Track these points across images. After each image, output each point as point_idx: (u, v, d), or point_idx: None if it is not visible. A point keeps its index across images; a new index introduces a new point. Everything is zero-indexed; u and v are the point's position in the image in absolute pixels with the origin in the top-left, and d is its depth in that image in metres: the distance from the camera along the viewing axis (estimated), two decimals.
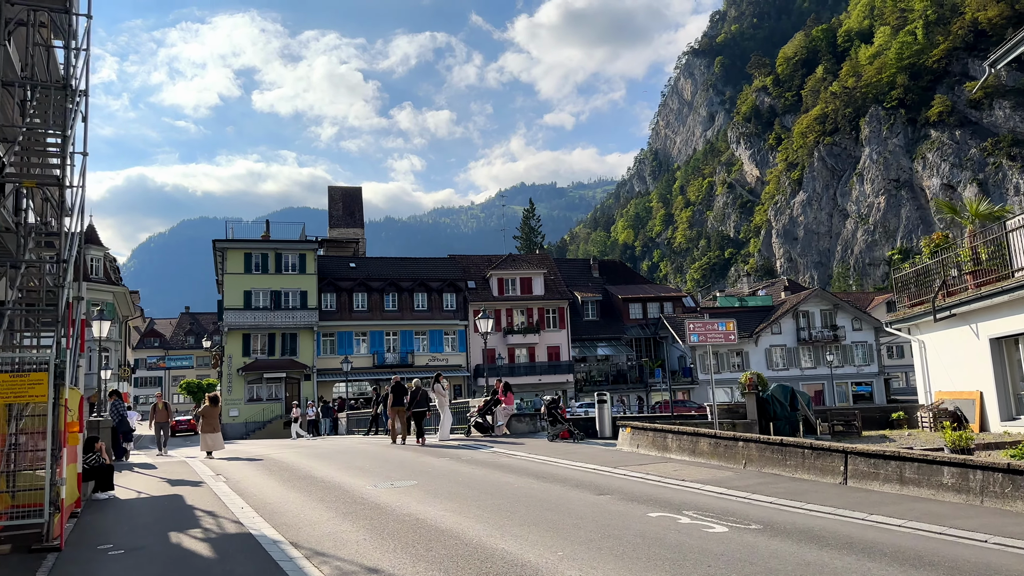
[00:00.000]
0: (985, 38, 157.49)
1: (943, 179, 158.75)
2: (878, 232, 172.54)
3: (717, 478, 11.11)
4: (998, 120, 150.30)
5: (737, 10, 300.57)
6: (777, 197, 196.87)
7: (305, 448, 20.77)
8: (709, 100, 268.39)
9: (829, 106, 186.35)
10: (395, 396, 20.28)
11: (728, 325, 14.60)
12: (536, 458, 14.69)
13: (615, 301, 58.54)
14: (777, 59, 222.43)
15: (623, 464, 12.98)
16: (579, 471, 12.63)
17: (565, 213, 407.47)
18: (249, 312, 48.36)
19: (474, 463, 14.28)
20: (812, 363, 54.63)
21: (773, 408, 16.03)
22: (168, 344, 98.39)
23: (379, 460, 15.61)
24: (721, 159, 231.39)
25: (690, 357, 53.83)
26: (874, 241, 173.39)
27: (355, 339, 51.20)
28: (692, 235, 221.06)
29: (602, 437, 18.00)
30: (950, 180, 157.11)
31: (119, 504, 11.69)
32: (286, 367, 48.58)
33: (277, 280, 49.40)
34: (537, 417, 20.65)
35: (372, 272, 53.59)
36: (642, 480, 11.35)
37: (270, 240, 50.86)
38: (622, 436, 15.14)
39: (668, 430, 13.58)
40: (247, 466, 15.93)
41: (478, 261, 57.19)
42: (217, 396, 19.52)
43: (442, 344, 52.30)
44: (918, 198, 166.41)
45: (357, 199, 66.28)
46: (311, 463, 15.76)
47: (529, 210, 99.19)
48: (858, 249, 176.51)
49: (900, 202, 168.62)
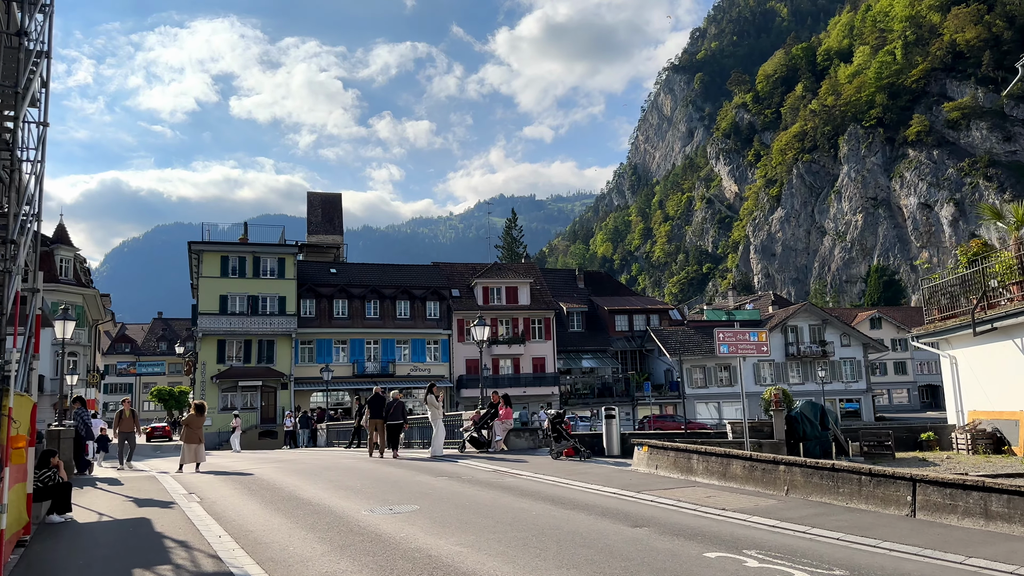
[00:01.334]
0: (963, 59, 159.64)
1: (920, 198, 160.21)
2: (855, 250, 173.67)
3: (761, 507, 9.86)
4: (975, 141, 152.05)
5: (717, 27, 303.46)
6: (756, 213, 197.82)
7: (286, 463, 19.24)
8: (688, 116, 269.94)
9: (808, 124, 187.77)
10: (372, 408, 19.73)
11: (760, 335, 13.42)
12: (545, 479, 13.36)
13: (601, 313, 57.44)
14: (757, 76, 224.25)
15: (646, 488, 11.70)
16: (600, 496, 11.32)
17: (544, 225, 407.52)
18: (225, 318, 46.54)
19: (478, 484, 12.92)
20: (800, 379, 53.84)
21: (802, 427, 14.82)
22: (140, 350, 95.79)
23: (371, 479, 14.19)
24: (700, 174, 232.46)
25: (677, 371, 52.81)
26: (851, 259, 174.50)
27: (335, 347, 49.51)
28: (671, 249, 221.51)
29: (609, 455, 16.71)
30: (927, 199, 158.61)
31: (77, 530, 10.17)
32: (262, 375, 46.75)
33: (255, 285, 47.64)
34: (537, 432, 19.31)
35: (353, 278, 52.00)
36: (676, 508, 10.07)
37: (248, 243, 49.08)
38: (637, 455, 13.87)
39: (693, 450, 12.33)
40: (224, 484, 14.42)
41: (462, 269, 55.82)
42: (203, 404, 17.97)
43: (425, 354, 50.75)
44: (895, 216, 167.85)
45: (337, 206, 64.66)
46: (295, 481, 14.30)
47: (511, 220, 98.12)
48: (835, 266, 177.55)
49: (877, 220, 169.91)
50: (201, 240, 47.86)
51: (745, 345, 13.35)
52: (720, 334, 13.51)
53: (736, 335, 13.52)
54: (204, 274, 46.87)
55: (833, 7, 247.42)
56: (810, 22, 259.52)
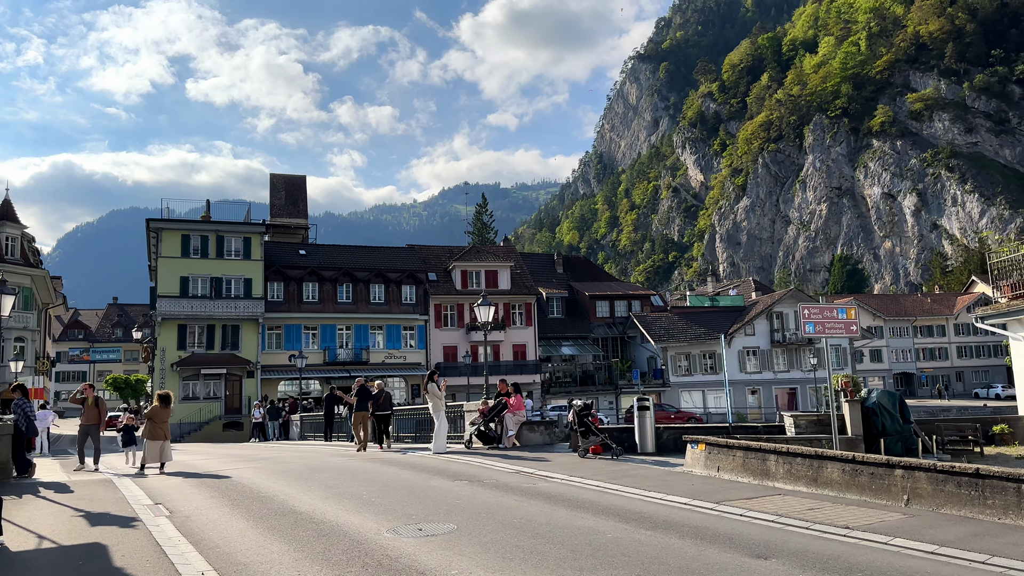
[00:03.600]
0: (926, 51, 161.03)
1: (884, 188, 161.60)
2: (819, 239, 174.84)
3: (888, 524, 7.87)
4: (937, 132, 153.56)
5: (682, 17, 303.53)
6: (721, 202, 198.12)
7: (265, 462, 16.83)
8: (654, 105, 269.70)
9: (774, 113, 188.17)
10: (359, 400, 19.01)
11: (849, 312, 11.46)
12: (587, 483, 11.23)
13: (581, 298, 55.53)
14: (723, 66, 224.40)
15: (723, 497, 9.64)
16: (673, 508, 9.23)
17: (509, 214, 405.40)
18: (186, 301, 43.45)
19: (511, 491, 10.73)
20: (786, 366, 52.67)
21: (881, 420, 12.91)
22: (94, 337, 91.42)
23: (377, 484, 11.90)
24: (666, 163, 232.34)
25: (661, 358, 51.17)
26: (815, 248, 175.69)
27: (304, 333, 46.75)
28: (637, 238, 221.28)
29: (643, 452, 14.65)
30: (890, 189, 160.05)
31: (6, 563, 7.76)
32: (226, 362, 43.81)
33: (218, 266, 44.58)
34: (553, 426, 17.17)
35: (324, 261, 49.22)
36: (786, 527, 8.02)
37: (211, 221, 45.89)
38: (691, 455, 11.83)
39: (770, 449, 10.30)
40: (197, 491, 11.96)
41: (439, 252, 53.33)
42: (169, 395, 15.35)
43: (400, 340, 48.27)
44: (859, 206, 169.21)
45: (301, 188, 61.45)
46: (284, 487, 11.94)
47: (482, 205, 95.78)
48: (799, 255, 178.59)
49: (841, 210, 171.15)
50: (160, 218, 44.64)
51: (832, 324, 11.37)
52: (805, 310, 11.51)
53: (823, 312, 11.51)
54: (163, 254, 43.66)
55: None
56: (774, 13, 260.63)
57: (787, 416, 14.33)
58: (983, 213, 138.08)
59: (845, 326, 11.32)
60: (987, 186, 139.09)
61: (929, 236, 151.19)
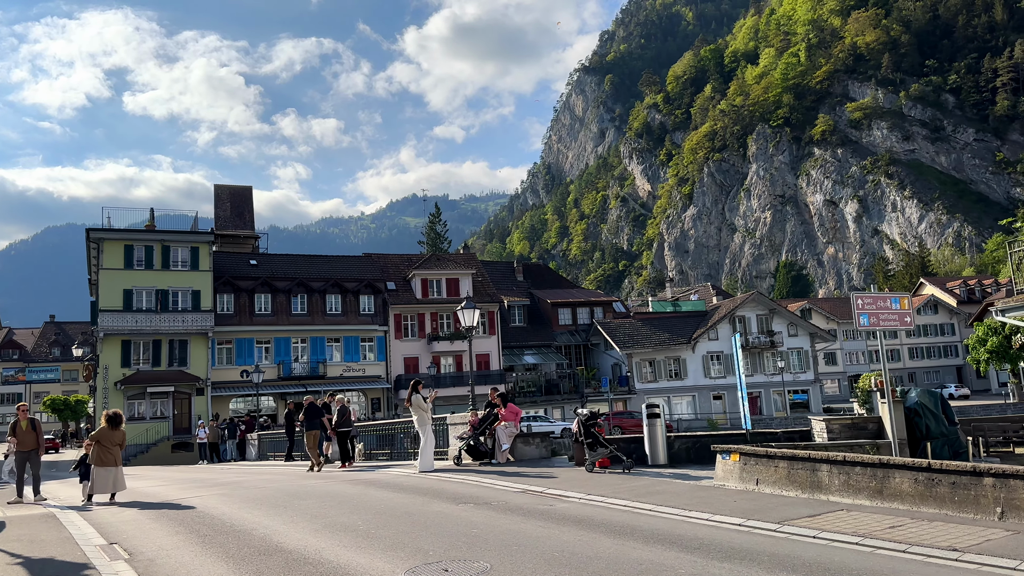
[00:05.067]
0: (864, 62, 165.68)
1: (826, 195, 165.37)
2: (764, 246, 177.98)
3: (996, 543, 6.78)
4: (876, 140, 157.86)
5: (625, 30, 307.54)
6: (669, 211, 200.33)
7: (230, 487, 15.09)
8: (600, 117, 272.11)
9: (718, 124, 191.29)
10: (308, 418, 18.69)
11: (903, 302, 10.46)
12: (614, 504, 9.93)
13: (543, 306, 54.42)
14: (667, 78, 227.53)
15: (781, 516, 8.44)
16: (730, 531, 8.00)
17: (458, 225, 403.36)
18: (130, 315, 40.78)
19: (532, 516, 9.36)
20: (749, 370, 52.30)
21: (924, 422, 11.92)
22: (30, 356, 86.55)
23: (370, 511, 10.39)
24: (614, 173, 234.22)
25: (626, 365, 50.33)
26: (760, 255, 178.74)
27: (257, 347, 44.43)
28: (587, 247, 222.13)
29: (654, 464, 13.43)
30: (832, 196, 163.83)
31: None
32: (174, 379, 41.23)
33: (164, 277, 42.03)
34: (549, 438, 15.85)
35: (276, 271, 47.00)
36: (873, 550, 6.86)
37: (156, 231, 43.32)
38: (723, 467, 10.65)
39: (821, 459, 9.17)
40: (159, 525, 10.23)
41: (397, 261, 51.55)
42: (119, 415, 13.53)
43: (359, 352, 46.30)
44: (802, 213, 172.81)
45: (247, 199, 58.89)
46: (262, 517, 10.32)
47: (435, 215, 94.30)
48: (745, 262, 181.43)
49: (785, 217, 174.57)
50: (101, 227, 41.89)
51: (887, 315, 10.38)
52: (859, 300, 10.46)
53: (876, 302, 10.48)
54: (105, 266, 40.95)
55: (736, 12, 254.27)
56: (714, 26, 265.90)
57: (816, 420, 13.30)
58: (921, 218, 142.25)
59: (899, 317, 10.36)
60: (925, 192, 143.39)
61: (871, 241, 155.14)
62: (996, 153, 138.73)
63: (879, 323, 10.40)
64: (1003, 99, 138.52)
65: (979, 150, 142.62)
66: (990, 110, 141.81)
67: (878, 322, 10.38)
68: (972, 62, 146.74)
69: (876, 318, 10.38)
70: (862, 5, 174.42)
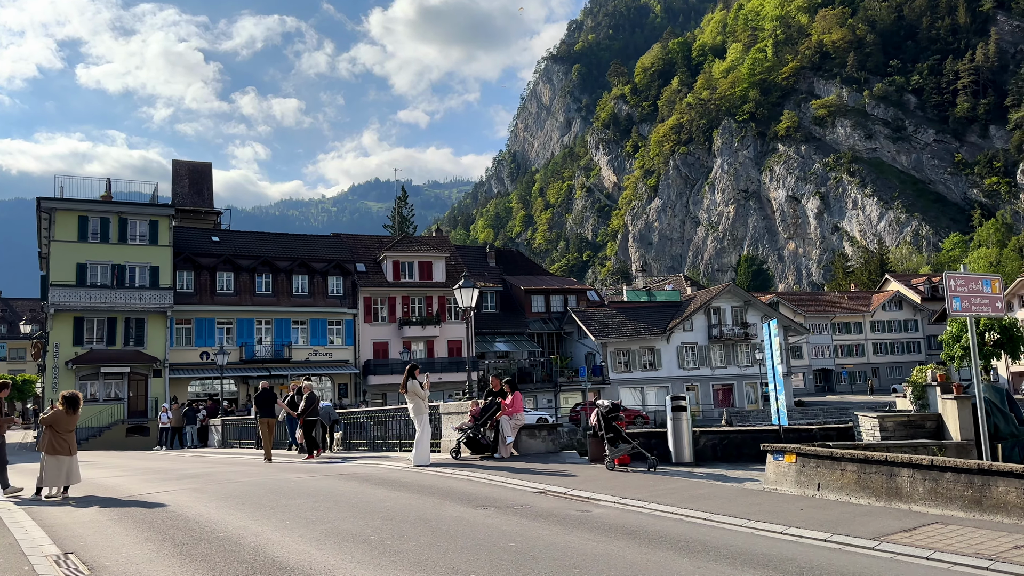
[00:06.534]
0: (829, 59, 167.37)
1: (788, 191, 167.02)
2: (727, 239, 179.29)
3: None
4: (839, 138, 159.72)
5: (594, 20, 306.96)
6: (634, 202, 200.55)
7: (203, 479, 13.59)
8: (567, 106, 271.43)
9: (684, 117, 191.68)
10: (260, 406, 17.96)
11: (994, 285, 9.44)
12: (659, 510, 8.72)
13: (516, 293, 53.21)
14: (635, 69, 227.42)
15: (874, 530, 7.33)
16: (823, 549, 6.86)
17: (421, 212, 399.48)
18: (83, 290, 38.40)
19: (573, 525, 8.12)
20: (723, 362, 51.95)
21: (993, 421, 10.91)
22: None
23: (377, 515, 9.04)
24: (580, 163, 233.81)
25: (600, 354, 49.46)
26: (723, 248, 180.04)
27: (218, 328, 42.36)
28: (552, 236, 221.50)
29: (679, 462, 12.29)
30: (795, 192, 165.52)
31: None
32: (130, 360, 39.00)
33: (121, 252, 39.68)
34: (557, 431, 14.61)
35: (240, 248, 44.91)
36: None
37: (113, 202, 40.86)
38: (775, 468, 9.55)
39: (901, 462, 8.10)
40: (124, 528, 8.61)
41: (367, 242, 49.79)
42: (77, 397, 11.90)
43: (325, 336, 44.54)
44: (765, 208, 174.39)
45: (206, 175, 56.39)
46: (247, 521, 8.82)
47: (402, 198, 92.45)
48: (708, 255, 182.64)
49: (748, 212, 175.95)
50: (54, 196, 39.35)
51: (979, 300, 9.31)
52: (951, 281, 9.40)
53: (968, 283, 9.43)
54: (57, 238, 38.46)
55: (704, 6, 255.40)
56: (682, 19, 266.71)
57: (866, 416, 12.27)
58: (881, 216, 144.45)
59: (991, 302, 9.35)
60: (885, 190, 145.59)
61: (831, 238, 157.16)
62: (955, 154, 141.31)
63: (971, 307, 9.38)
64: (963, 101, 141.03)
65: (938, 151, 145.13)
66: (950, 112, 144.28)
67: (970, 307, 9.36)
68: (935, 63, 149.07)
69: (968, 303, 9.36)
70: (829, 3, 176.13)
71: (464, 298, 15.45)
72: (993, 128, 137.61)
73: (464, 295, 15.42)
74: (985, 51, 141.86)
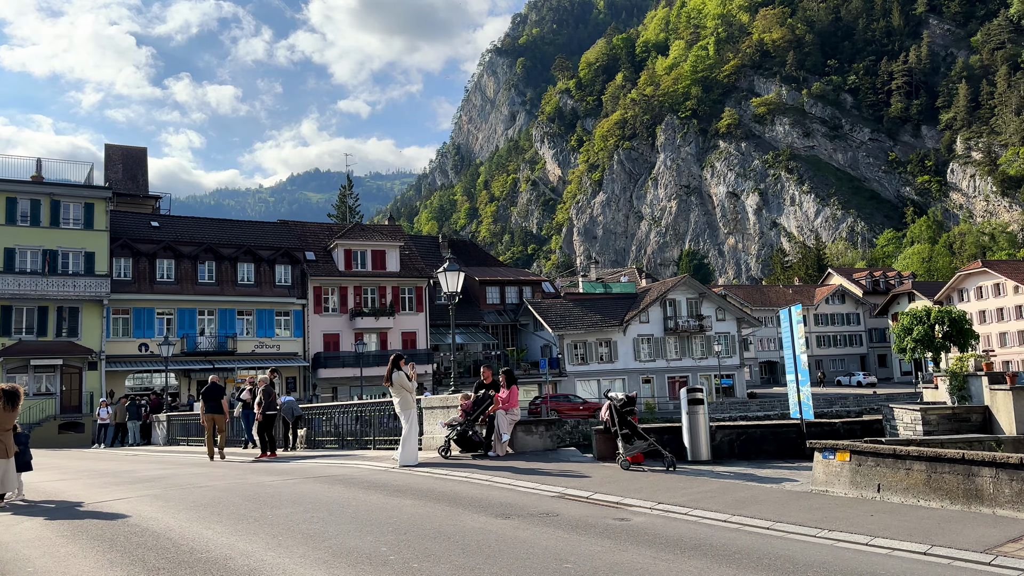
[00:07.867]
0: (770, 58, 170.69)
1: (729, 187, 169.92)
2: (669, 234, 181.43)
3: None
4: (778, 135, 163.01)
5: (538, 14, 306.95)
6: (579, 196, 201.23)
7: (162, 483, 12.17)
8: (511, 99, 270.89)
9: (628, 112, 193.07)
10: (207, 400, 16.85)
11: None
12: (705, 518, 7.74)
13: (470, 284, 52.01)
14: (579, 64, 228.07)
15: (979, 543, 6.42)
16: (923, 563, 5.89)
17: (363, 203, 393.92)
18: (11, 276, 35.61)
19: (619, 539, 7.05)
20: (678, 354, 51.86)
21: None
22: None
23: (386, 527, 7.81)
24: (525, 157, 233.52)
25: (556, 346, 48.76)
26: (665, 243, 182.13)
27: (158, 319, 40.05)
28: (497, 230, 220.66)
29: (695, 460, 11.47)
30: (735, 188, 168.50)
31: None
32: (63, 351, 36.44)
33: (52, 236, 37.02)
34: (554, 426, 13.63)
35: (182, 234, 42.56)
36: None
37: (44, 183, 38.08)
38: (825, 468, 8.78)
39: (980, 460, 7.38)
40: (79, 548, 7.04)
41: (316, 230, 47.90)
42: (17, 391, 10.32)
43: (273, 327, 42.59)
44: (706, 204, 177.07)
45: (141, 161, 53.43)
46: (231, 537, 7.32)
47: (347, 187, 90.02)
48: (651, 249, 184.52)
49: (690, 207, 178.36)
50: None
51: None
52: None
53: None
54: None
55: (647, 3, 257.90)
56: (625, 15, 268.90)
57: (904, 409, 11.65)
58: (818, 212, 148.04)
59: None
60: (822, 187, 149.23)
61: (769, 233, 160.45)
62: (889, 153, 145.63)
63: None
64: (897, 101, 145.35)
65: (873, 149, 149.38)
66: (885, 111, 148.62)
67: None
68: (870, 64, 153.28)
69: None
70: (769, 3, 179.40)
71: (449, 282, 14.32)
72: (925, 128, 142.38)
73: (449, 279, 14.29)
74: (918, 53, 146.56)
